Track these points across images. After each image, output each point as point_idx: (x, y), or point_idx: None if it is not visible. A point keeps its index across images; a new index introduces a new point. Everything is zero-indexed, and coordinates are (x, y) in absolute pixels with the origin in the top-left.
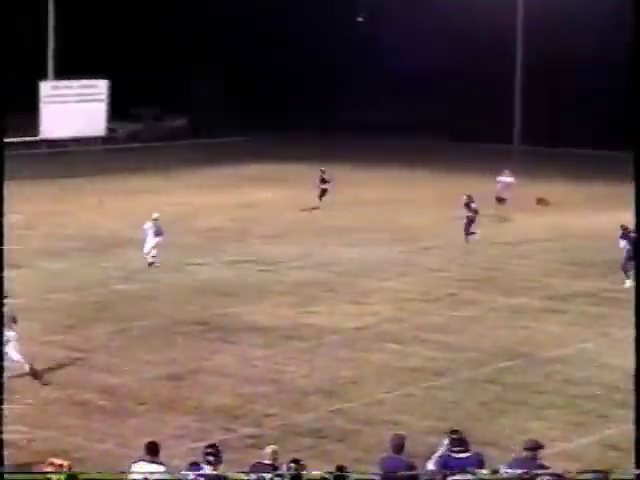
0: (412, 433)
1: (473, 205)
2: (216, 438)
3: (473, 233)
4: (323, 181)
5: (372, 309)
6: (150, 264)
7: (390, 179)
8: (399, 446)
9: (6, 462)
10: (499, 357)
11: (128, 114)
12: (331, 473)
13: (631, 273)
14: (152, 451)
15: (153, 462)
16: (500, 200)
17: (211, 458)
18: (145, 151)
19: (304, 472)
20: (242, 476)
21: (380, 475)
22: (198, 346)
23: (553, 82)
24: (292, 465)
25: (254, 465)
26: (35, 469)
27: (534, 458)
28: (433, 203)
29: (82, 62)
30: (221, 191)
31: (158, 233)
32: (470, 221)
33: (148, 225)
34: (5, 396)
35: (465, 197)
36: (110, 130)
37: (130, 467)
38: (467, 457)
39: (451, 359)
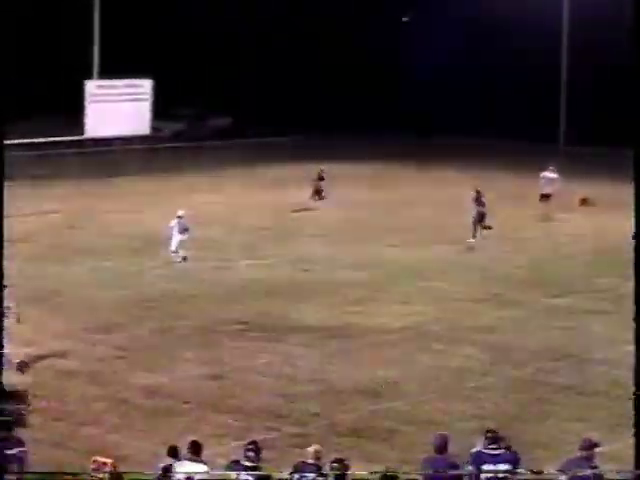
0: (455, 433)
1: (483, 199)
2: (259, 437)
3: (489, 227)
4: (321, 179)
5: (416, 309)
6: (184, 258)
7: (434, 178)
8: (442, 446)
9: (49, 461)
10: (544, 358)
11: (173, 113)
12: (374, 473)
13: None
14: (195, 450)
15: (196, 461)
16: (543, 197)
17: (251, 454)
18: (189, 150)
19: (347, 472)
20: (285, 475)
21: (423, 475)
22: (242, 345)
23: (600, 81)
24: (335, 465)
25: (297, 464)
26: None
27: (589, 458)
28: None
29: (127, 62)
30: (265, 190)
31: (183, 230)
32: (481, 216)
33: (173, 222)
34: (47, 393)
35: (474, 192)
36: (154, 129)
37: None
38: (500, 454)
39: (495, 359)
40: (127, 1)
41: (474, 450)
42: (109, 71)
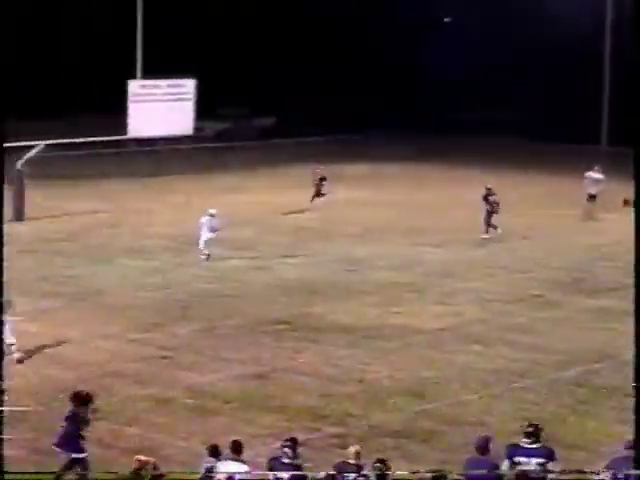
0: (496, 434)
1: (491, 198)
2: (300, 437)
3: (495, 227)
4: (322, 179)
5: (456, 310)
6: (207, 256)
7: (477, 179)
8: (484, 447)
9: (94, 460)
10: (584, 359)
11: (217, 113)
12: (414, 473)
13: None
14: (236, 450)
15: (236, 461)
16: (591, 197)
17: (288, 450)
18: (233, 150)
19: (388, 473)
20: (321, 475)
21: (466, 476)
22: (283, 345)
23: None
24: (377, 465)
25: (338, 464)
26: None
27: (632, 457)
28: (519, 204)
29: (171, 62)
30: (307, 190)
31: (213, 229)
32: (490, 213)
33: (204, 219)
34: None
35: (485, 190)
36: (198, 129)
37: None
38: (535, 448)
39: (536, 361)
40: (171, 0)
41: (510, 443)
42: (152, 71)
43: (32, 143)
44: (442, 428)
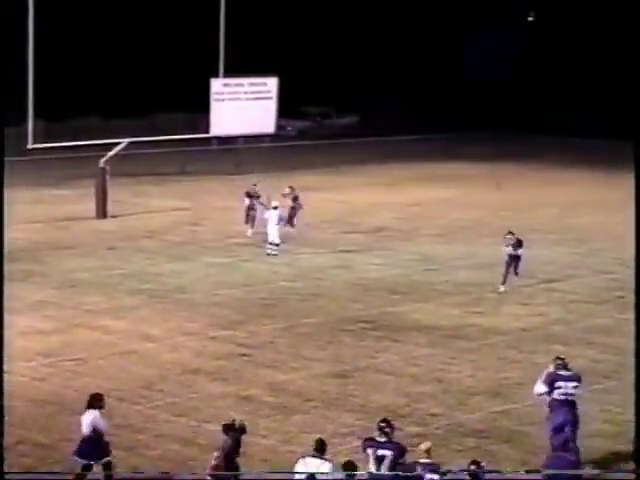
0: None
1: (298, 196)
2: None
3: (293, 225)
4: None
5: (538, 310)
6: (276, 249)
7: (562, 179)
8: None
9: (173, 456)
10: None
11: (300, 111)
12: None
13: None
14: (319, 448)
15: (320, 459)
16: None
17: (388, 430)
18: (314, 149)
19: (484, 473)
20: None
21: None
22: (364, 344)
23: None
24: (472, 467)
25: (411, 464)
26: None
27: None
28: (605, 204)
29: (253, 60)
30: (389, 189)
31: (279, 221)
32: (294, 210)
33: (267, 214)
34: (172, 389)
35: (288, 189)
36: (280, 127)
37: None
38: (570, 375)
39: (618, 362)
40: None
41: (549, 371)
42: (235, 69)
43: (115, 141)
44: (523, 429)
